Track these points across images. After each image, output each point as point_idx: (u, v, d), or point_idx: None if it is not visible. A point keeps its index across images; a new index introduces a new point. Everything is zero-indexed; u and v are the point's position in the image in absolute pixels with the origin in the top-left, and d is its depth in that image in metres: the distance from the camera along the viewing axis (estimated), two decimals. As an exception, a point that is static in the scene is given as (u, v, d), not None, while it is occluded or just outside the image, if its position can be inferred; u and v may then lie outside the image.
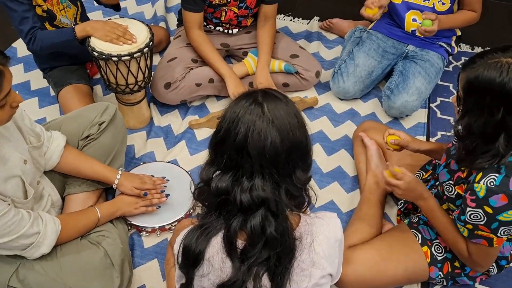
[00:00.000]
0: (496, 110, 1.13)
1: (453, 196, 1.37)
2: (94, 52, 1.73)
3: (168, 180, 1.75)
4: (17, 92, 2.14)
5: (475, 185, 1.22)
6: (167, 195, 1.70)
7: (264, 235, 0.97)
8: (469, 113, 1.19)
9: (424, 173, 1.73)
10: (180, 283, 1.11)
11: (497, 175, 1.19)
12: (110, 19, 1.85)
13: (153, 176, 1.73)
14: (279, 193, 0.98)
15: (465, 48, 2.54)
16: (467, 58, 2.45)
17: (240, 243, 1.00)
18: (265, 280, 1.00)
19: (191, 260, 1.03)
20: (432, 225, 1.48)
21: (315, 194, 1.09)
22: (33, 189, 1.42)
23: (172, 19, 2.61)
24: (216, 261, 1.01)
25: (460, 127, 1.24)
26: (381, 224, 1.68)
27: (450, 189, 1.38)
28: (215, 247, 1.01)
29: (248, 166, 0.95)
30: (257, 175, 0.96)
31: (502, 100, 1.12)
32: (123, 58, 1.72)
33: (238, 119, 0.94)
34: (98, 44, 1.73)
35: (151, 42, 1.79)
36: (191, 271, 1.05)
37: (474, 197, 1.23)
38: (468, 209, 1.26)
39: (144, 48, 1.75)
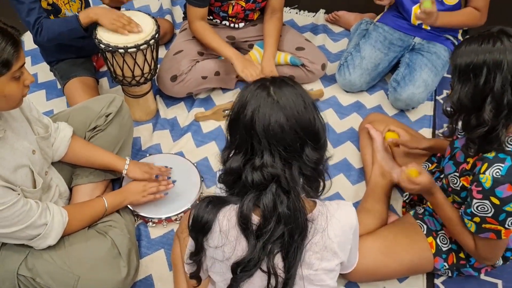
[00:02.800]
0: (479, 72, 1.16)
1: (458, 188, 1.37)
2: (100, 44, 1.73)
3: (171, 168, 1.76)
4: (25, 84, 2.21)
5: (481, 176, 1.22)
6: (174, 182, 1.71)
7: (276, 211, 0.99)
8: (457, 84, 1.22)
9: (430, 165, 1.73)
10: (190, 251, 1.13)
11: (502, 165, 1.19)
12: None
13: (157, 166, 1.74)
14: (291, 171, 0.99)
15: (472, 40, 2.52)
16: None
17: (255, 220, 1.02)
18: (278, 260, 1.02)
19: (201, 227, 1.06)
20: (439, 217, 1.48)
21: (331, 180, 1.10)
22: (42, 179, 1.43)
23: (178, 12, 2.62)
24: (232, 235, 1.03)
25: (448, 106, 1.27)
26: (387, 215, 1.67)
27: (455, 181, 1.38)
28: (232, 221, 1.03)
29: (257, 144, 0.99)
30: (266, 153, 0.99)
31: (483, 64, 1.16)
32: (129, 50, 1.73)
33: (246, 102, 1.00)
34: (105, 36, 1.74)
35: (157, 34, 1.79)
36: (201, 238, 1.07)
37: (480, 188, 1.23)
38: (475, 201, 1.26)
39: (150, 40, 1.76)
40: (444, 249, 1.49)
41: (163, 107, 2.12)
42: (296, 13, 2.68)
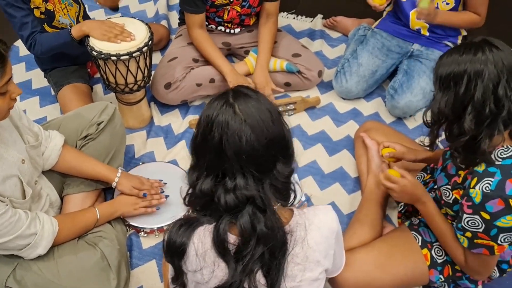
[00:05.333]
0: (459, 80, 1.15)
1: (451, 202, 1.35)
2: (93, 52, 1.72)
3: (165, 184, 1.73)
4: (18, 90, 2.20)
5: (471, 190, 1.20)
6: (167, 196, 1.69)
7: (255, 232, 0.97)
8: (438, 94, 1.21)
9: (425, 175, 1.70)
10: (171, 276, 1.10)
11: (492, 179, 1.16)
12: (110, 18, 1.84)
13: (149, 179, 1.72)
14: (263, 188, 0.97)
15: (471, 46, 2.49)
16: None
17: (232, 239, 0.99)
18: (260, 276, 1.00)
19: (174, 251, 1.03)
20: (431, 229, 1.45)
21: (300, 188, 1.09)
22: (31, 188, 1.41)
23: (174, 17, 2.60)
24: (209, 257, 1.01)
25: (428, 117, 1.27)
26: (382, 226, 1.65)
27: (448, 194, 1.36)
28: (206, 244, 1.00)
29: (228, 166, 0.96)
30: (238, 175, 0.96)
31: (464, 73, 1.15)
32: (122, 58, 1.71)
33: (212, 122, 0.95)
34: (97, 44, 1.72)
35: (150, 41, 1.78)
36: (177, 262, 1.05)
37: (470, 203, 1.21)
38: (465, 216, 1.23)
39: (143, 47, 1.74)
40: (439, 261, 1.46)
41: (157, 114, 2.10)
42: (294, 18, 2.65)
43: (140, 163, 1.87)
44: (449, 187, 1.36)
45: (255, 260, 0.97)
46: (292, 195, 1.06)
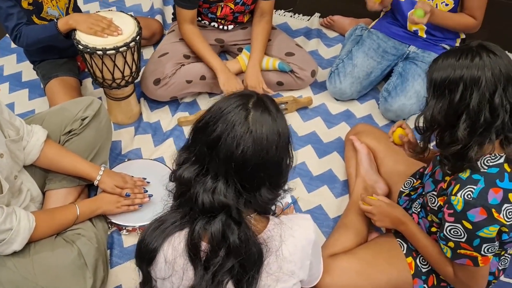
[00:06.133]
0: (455, 87, 1.11)
1: (436, 208, 1.31)
2: (79, 46, 1.69)
3: (149, 183, 1.71)
4: (8, 83, 2.18)
5: (452, 197, 1.17)
6: (150, 196, 1.66)
7: (226, 243, 0.94)
8: (431, 100, 1.18)
9: (415, 180, 1.66)
10: (140, 281, 1.08)
11: (475, 187, 1.13)
12: (99, 12, 1.80)
13: (132, 177, 1.69)
14: (243, 203, 0.95)
15: (470, 50, 2.44)
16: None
17: (204, 246, 0.96)
18: (231, 286, 0.97)
19: (144, 256, 1.01)
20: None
21: (282, 204, 1.06)
22: (10, 183, 1.39)
23: (169, 12, 2.56)
24: (179, 264, 0.98)
25: (420, 122, 1.24)
26: (367, 232, 1.61)
27: (433, 200, 1.33)
28: (178, 250, 0.98)
29: (215, 166, 0.93)
30: (221, 179, 0.93)
31: (460, 79, 1.11)
32: (108, 52, 1.68)
33: (220, 116, 0.92)
34: (83, 37, 1.70)
35: (138, 36, 1.74)
36: (145, 268, 1.03)
37: (452, 211, 1.18)
38: (447, 224, 1.20)
39: (131, 42, 1.71)
40: (424, 270, 1.43)
41: (147, 110, 2.07)
42: (291, 16, 2.61)
43: (126, 160, 1.85)
44: (435, 193, 1.32)
45: (224, 272, 0.95)
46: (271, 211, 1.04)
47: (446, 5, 1.96)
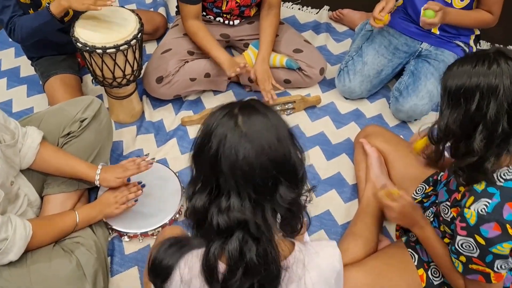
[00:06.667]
0: (471, 96, 1.05)
1: (448, 219, 1.26)
2: (77, 43, 1.62)
3: (144, 186, 1.64)
4: (6, 78, 2.11)
5: (465, 210, 1.11)
6: (143, 186, 1.61)
7: (244, 261, 0.88)
8: (446, 109, 1.12)
9: (427, 187, 1.60)
10: None
11: (490, 200, 1.07)
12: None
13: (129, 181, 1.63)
14: (264, 213, 0.89)
15: (484, 45, 2.34)
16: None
17: (222, 268, 0.91)
18: None
19: (159, 272, 0.96)
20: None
21: (309, 218, 1.00)
22: (5, 190, 1.34)
23: (172, 4, 2.47)
24: (195, 285, 0.93)
25: (435, 130, 1.18)
26: (377, 240, 1.56)
27: (446, 211, 1.27)
28: (194, 271, 0.93)
29: (224, 183, 0.88)
30: (233, 194, 0.88)
31: (476, 88, 1.05)
32: (108, 51, 1.61)
33: (211, 132, 0.87)
34: (83, 34, 1.62)
35: (140, 33, 1.67)
36: (159, 284, 0.98)
37: (464, 224, 1.12)
38: (459, 237, 1.14)
39: (132, 40, 1.64)
40: (436, 283, 1.37)
41: (149, 109, 2.00)
42: (299, 9, 2.52)
43: (127, 162, 1.78)
44: (448, 204, 1.27)
45: None
46: (299, 224, 0.97)
47: (461, 0, 1.87)
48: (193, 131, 1.93)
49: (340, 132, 1.97)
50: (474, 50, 2.05)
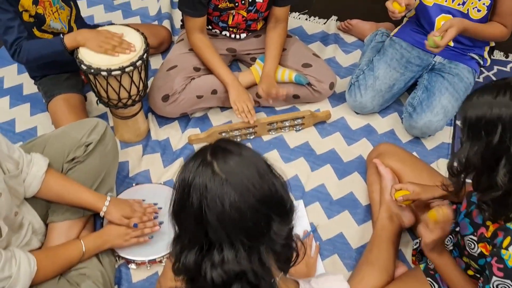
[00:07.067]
0: (492, 128, 1.01)
1: (476, 255, 1.20)
2: (82, 66, 1.57)
3: (161, 208, 1.60)
4: (8, 97, 2.06)
5: (503, 251, 1.05)
6: (161, 223, 1.55)
7: None
8: (466, 141, 1.07)
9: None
10: None
11: None
12: (98, 25, 1.67)
13: (144, 200, 1.59)
14: (261, 257, 0.84)
15: (498, 55, 2.28)
16: (500, 68, 2.21)
17: None
18: None
19: None
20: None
21: (304, 248, 0.96)
22: (9, 222, 1.30)
23: (177, 16, 2.40)
24: None
25: (455, 162, 1.12)
26: (394, 267, 1.50)
27: (473, 246, 1.20)
28: None
29: (213, 236, 0.83)
30: (225, 245, 0.83)
31: (498, 120, 1.01)
32: (113, 73, 1.55)
33: (188, 187, 0.83)
34: (87, 57, 1.57)
35: (146, 53, 1.62)
36: None
37: (501, 266, 1.05)
38: (495, 278, 1.08)
39: (137, 61, 1.59)
40: (456, 314, 1.32)
41: (155, 127, 1.95)
42: (306, 19, 2.46)
43: (134, 184, 1.74)
44: (474, 238, 1.20)
45: None
46: (295, 254, 0.93)
47: (479, 11, 1.81)
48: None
49: (352, 150, 1.92)
50: (489, 62, 1.99)
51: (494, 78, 2.22)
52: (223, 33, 2.03)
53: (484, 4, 1.78)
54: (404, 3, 1.76)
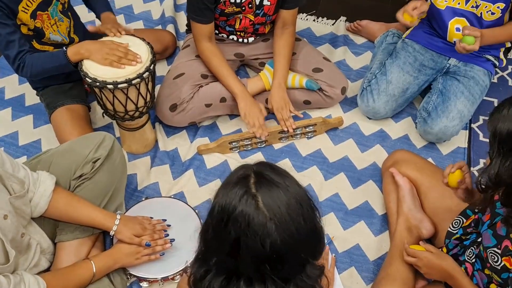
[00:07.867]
0: None
1: (499, 268, 1.16)
2: (86, 78, 1.51)
3: (169, 226, 1.55)
4: (10, 108, 2.01)
5: None
6: (172, 241, 1.51)
7: None
8: (496, 156, 1.05)
9: (465, 220, 1.49)
10: None
11: None
12: (109, 37, 1.61)
13: (152, 218, 1.54)
14: None
15: (512, 55, 2.23)
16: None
17: None
18: None
19: None
20: None
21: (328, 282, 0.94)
22: (16, 243, 1.25)
23: (181, 19, 2.35)
24: None
25: (484, 178, 1.09)
26: (414, 280, 1.46)
27: (496, 258, 1.17)
28: None
29: (244, 269, 0.80)
30: (256, 282, 0.80)
31: None
32: (119, 86, 1.50)
33: (228, 216, 0.79)
34: (92, 70, 1.51)
35: (153, 64, 1.56)
36: None
37: None
38: None
39: (144, 72, 1.53)
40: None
41: (163, 137, 1.90)
42: (314, 20, 2.39)
43: (143, 198, 1.68)
44: (498, 251, 1.16)
45: None
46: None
47: (492, 13, 1.75)
48: (210, 160, 1.83)
49: (365, 157, 1.86)
50: (504, 63, 1.94)
51: (508, 79, 2.16)
52: (231, 37, 1.97)
53: (498, 7, 1.72)
54: (416, 15, 1.71)
